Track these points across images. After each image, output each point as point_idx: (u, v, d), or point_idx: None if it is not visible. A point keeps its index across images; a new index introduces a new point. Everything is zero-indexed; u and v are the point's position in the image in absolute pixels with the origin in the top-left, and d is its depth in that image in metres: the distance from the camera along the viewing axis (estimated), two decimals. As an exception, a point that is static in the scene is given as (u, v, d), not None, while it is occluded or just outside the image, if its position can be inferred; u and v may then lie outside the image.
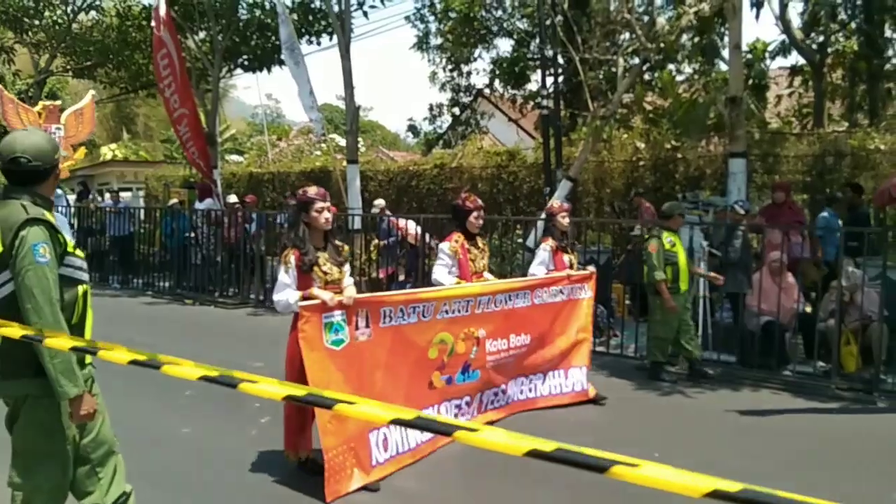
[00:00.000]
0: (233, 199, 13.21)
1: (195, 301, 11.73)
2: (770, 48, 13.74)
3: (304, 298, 4.15)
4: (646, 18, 11.41)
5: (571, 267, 6.23)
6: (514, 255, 9.80)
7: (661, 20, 10.88)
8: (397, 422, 1.66)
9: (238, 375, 1.96)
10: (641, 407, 6.23)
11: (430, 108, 20.93)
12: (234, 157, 26.30)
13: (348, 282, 4.47)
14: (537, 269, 6.15)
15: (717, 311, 8.26)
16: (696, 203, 10.03)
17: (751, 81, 12.55)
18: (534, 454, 1.50)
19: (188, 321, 10.18)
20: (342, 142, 19.70)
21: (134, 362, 2.23)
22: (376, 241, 11.02)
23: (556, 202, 7.06)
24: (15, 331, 2.51)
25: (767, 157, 11.23)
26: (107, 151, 27.65)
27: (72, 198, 17.63)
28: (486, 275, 5.69)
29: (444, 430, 1.67)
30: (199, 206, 13.50)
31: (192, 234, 12.53)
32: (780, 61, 14.18)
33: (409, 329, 4.65)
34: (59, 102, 9.49)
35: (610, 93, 11.79)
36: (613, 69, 12.08)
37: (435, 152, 19.52)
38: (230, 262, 12.06)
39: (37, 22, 17.49)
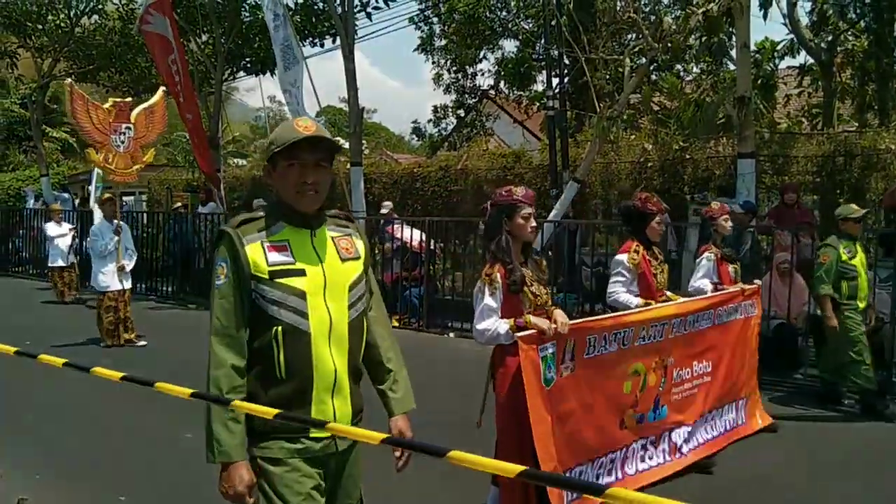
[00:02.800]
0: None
1: (199, 305, 11.64)
2: (778, 48, 13.61)
3: (517, 328, 3.37)
4: (652, 18, 11.31)
5: (737, 279, 5.45)
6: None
7: (668, 20, 10.76)
8: (526, 476, 1.36)
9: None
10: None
11: (435, 110, 20.88)
12: (238, 161, 26.22)
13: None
14: (703, 283, 5.25)
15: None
16: (704, 204, 9.90)
17: (759, 81, 12.42)
18: None
19: (191, 325, 10.08)
20: (345, 144, 19.60)
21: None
22: (387, 244, 10.87)
23: (715, 203, 5.95)
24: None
25: (776, 157, 11.10)
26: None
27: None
28: (666, 292, 4.82)
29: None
30: (201, 209, 13.43)
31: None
32: (789, 61, 14.03)
33: (608, 359, 3.94)
34: (129, 100, 8.97)
35: (617, 93, 11.67)
36: (620, 69, 11.96)
37: (440, 154, 19.43)
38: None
39: (40, 26, 17.43)
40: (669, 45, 10.49)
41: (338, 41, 13.10)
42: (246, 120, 42.56)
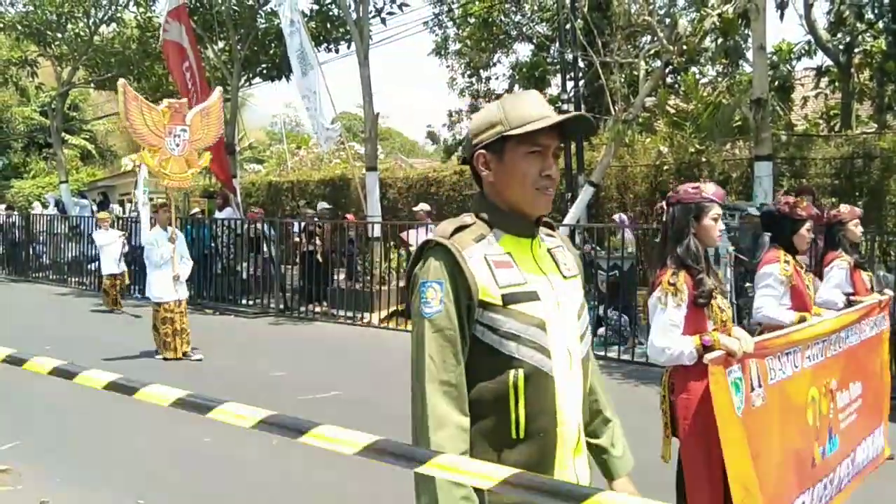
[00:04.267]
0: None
1: (216, 311, 11.73)
2: (795, 49, 13.49)
3: (704, 348, 2.87)
4: (667, 21, 11.26)
5: (872, 287, 4.98)
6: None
7: (683, 22, 10.72)
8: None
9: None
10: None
11: (449, 115, 20.91)
12: (254, 167, 26.42)
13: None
14: (833, 294, 4.80)
15: (745, 318, 8.08)
16: (726, 209, 9.85)
17: (776, 83, 12.32)
18: None
19: (210, 331, 10.16)
20: (361, 149, 19.70)
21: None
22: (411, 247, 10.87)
23: (845, 206, 5.36)
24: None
25: (794, 160, 11.01)
26: (127, 162, 27.88)
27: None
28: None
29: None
30: (218, 215, 13.54)
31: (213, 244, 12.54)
32: (806, 62, 13.91)
33: (788, 385, 3.40)
34: (184, 100, 8.52)
35: (632, 96, 11.63)
36: (635, 72, 11.93)
37: (454, 158, 19.45)
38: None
39: (59, 35, 17.69)
40: (685, 47, 10.43)
41: (353, 47, 13.16)
42: (262, 126, 42.81)
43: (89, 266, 15.01)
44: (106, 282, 11.79)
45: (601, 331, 8.76)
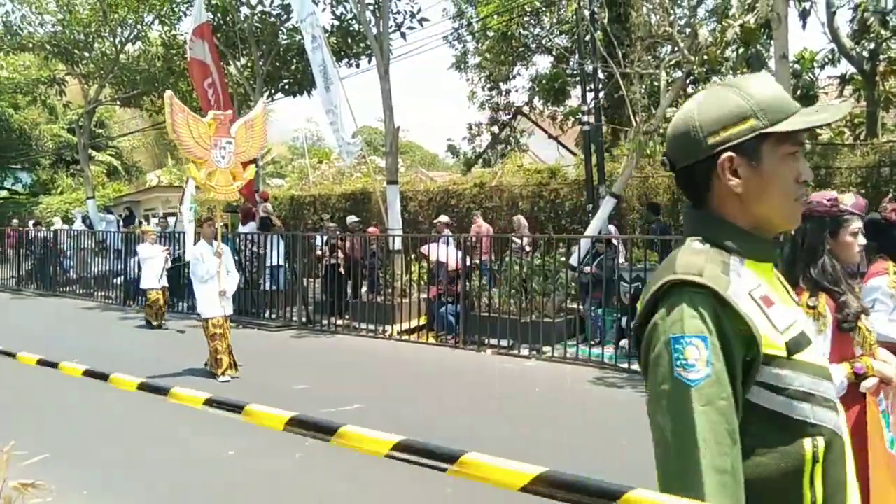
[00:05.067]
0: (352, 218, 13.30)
1: (239, 324, 11.81)
2: (818, 57, 13.36)
3: (857, 376, 2.55)
4: (688, 31, 11.23)
5: None
6: (556, 274, 9.64)
7: (704, 32, 10.67)
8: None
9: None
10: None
11: (469, 128, 20.98)
12: (276, 181, 26.68)
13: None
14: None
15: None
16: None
17: (799, 92, 12.20)
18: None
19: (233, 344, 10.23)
20: (382, 163, 19.83)
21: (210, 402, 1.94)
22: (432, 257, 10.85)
23: (892, 205, 4.47)
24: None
25: (819, 169, 10.88)
26: (152, 177, 28.34)
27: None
28: None
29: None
30: (242, 229, 13.66)
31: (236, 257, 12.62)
32: (830, 70, 13.74)
33: None
34: (229, 113, 8.40)
35: (653, 107, 11.58)
36: (656, 83, 11.89)
37: (474, 171, 19.49)
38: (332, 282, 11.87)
39: (87, 54, 18.08)
40: (706, 57, 10.38)
41: (373, 61, 13.28)
42: (284, 141, 43.26)
43: (115, 280, 15.22)
44: (149, 296, 11.74)
45: (624, 342, 8.69)
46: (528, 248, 10.77)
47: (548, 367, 8.54)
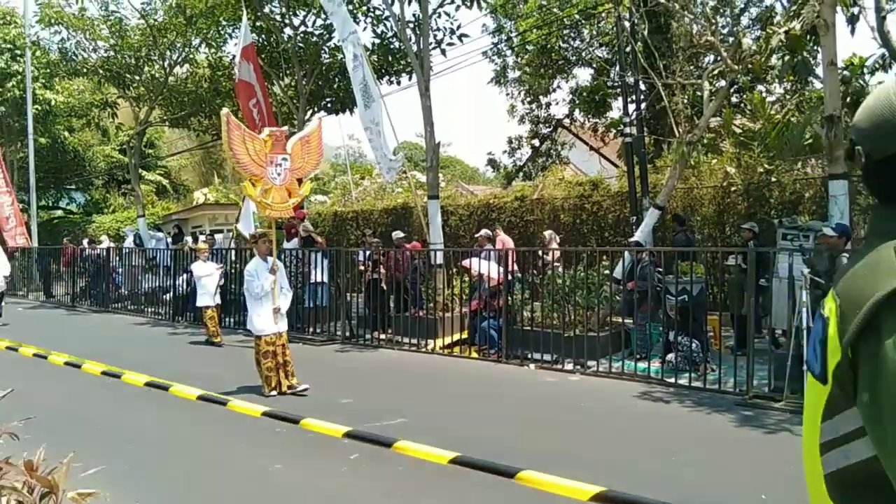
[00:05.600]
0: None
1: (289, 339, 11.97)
2: (868, 63, 13.02)
3: None
4: (730, 40, 11.09)
5: None
6: (600, 287, 9.54)
7: (748, 41, 10.52)
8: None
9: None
10: (744, 446, 5.84)
11: (510, 141, 21.00)
12: (319, 198, 27.05)
13: None
14: None
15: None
16: (794, 228, 9.52)
17: (849, 99, 11.91)
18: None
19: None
20: (422, 178, 19.97)
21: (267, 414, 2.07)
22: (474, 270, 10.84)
23: None
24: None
25: None
26: (199, 195, 29.04)
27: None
28: None
29: None
30: (286, 245, 13.87)
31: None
32: (881, 76, 13.37)
33: None
34: (285, 129, 8.31)
35: (696, 117, 11.44)
36: (698, 93, 11.75)
37: (515, 185, 19.48)
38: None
39: (137, 77, 18.69)
40: (750, 66, 10.23)
41: (414, 78, 13.42)
42: (326, 158, 43.90)
43: (165, 296, 15.59)
44: (205, 314, 11.82)
45: (670, 357, 8.54)
46: (556, 263, 10.71)
47: (593, 382, 8.44)
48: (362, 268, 12.32)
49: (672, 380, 8.12)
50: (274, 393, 7.62)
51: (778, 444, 5.88)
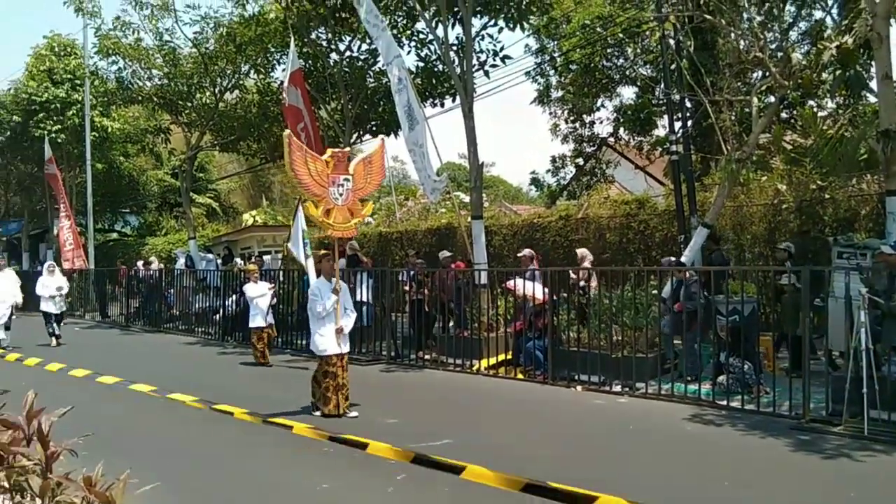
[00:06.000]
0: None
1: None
2: (925, 75, 12.63)
3: None
4: (779, 55, 10.90)
5: None
6: (648, 307, 9.39)
7: (797, 56, 10.33)
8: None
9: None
10: (801, 472, 5.64)
11: (553, 160, 20.95)
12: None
13: None
14: None
15: (884, 364, 7.46)
16: (850, 246, 9.24)
17: (905, 112, 11.56)
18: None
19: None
20: (466, 198, 20.04)
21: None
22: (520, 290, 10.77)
23: None
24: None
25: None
26: (248, 217, 29.66)
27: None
28: None
29: None
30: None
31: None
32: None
33: None
34: (347, 150, 8.56)
35: (744, 134, 11.25)
36: (746, 109, 11.56)
37: (559, 204, 19.38)
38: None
39: (189, 104, 19.29)
40: (800, 81, 10.03)
41: (457, 100, 13.52)
42: (370, 179, 44.33)
43: (215, 316, 15.90)
44: (253, 336, 11.86)
45: (722, 379, 8.33)
46: (591, 283, 10.57)
47: (641, 404, 8.28)
48: (406, 288, 12.38)
49: (724, 402, 7.92)
50: (328, 411, 7.56)
51: (837, 469, 5.67)
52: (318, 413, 7.67)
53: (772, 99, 10.88)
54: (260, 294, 12.02)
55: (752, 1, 11.88)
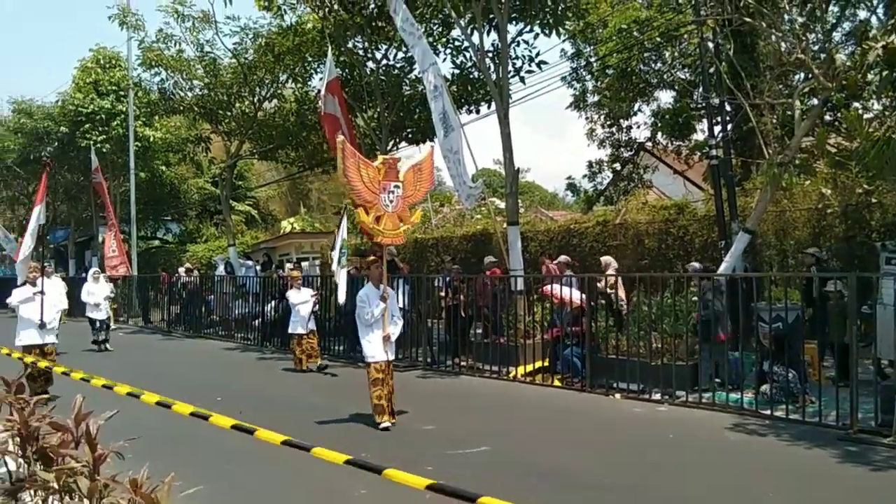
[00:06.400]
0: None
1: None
2: (977, 74, 12.22)
3: None
4: (822, 56, 10.66)
5: None
6: (689, 314, 9.24)
7: (841, 57, 10.09)
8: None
9: None
10: (850, 484, 5.48)
11: (590, 165, 20.78)
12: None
13: None
14: None
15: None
16: (899, 252, 8.97)
17: (956, 113, 11.19)
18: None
19: (362, 385, 10.51)
20: (501, 204, 20.00)
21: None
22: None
23: None
24: None
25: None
26: (286, 225, 30.04)
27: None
28: None
29: None
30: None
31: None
32: None
33: None
34: (398, 156, 8.59)
35: (786, 137, 11.01)
36: (789, 112, 11.31)
37: (596, 209, 19.21)
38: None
39: (229, 113, 19.64)
40: (844, 82, 9.77)
41: (493, 106, 13.51)
42: (406, 185, 44.52)
43: (254, 322, 16.12)
44: (292, 341, 11.94)
45: (765, 388, 8.14)
46: (620, 292, 10.46)
47: (681, 413, 8.15)
48: (442, 294, 12.40)
49: (767, 412, 7.74)
50: (386, 424, 7.40)
51: (887, 481, 5.50)
52: (382, 427, 7.42)
53: (815, 101, 10.63)
54: (302, 301, 12.06)
55: (793, 2, 11.64)
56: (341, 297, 10.33)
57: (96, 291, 15.10)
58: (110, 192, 24.43)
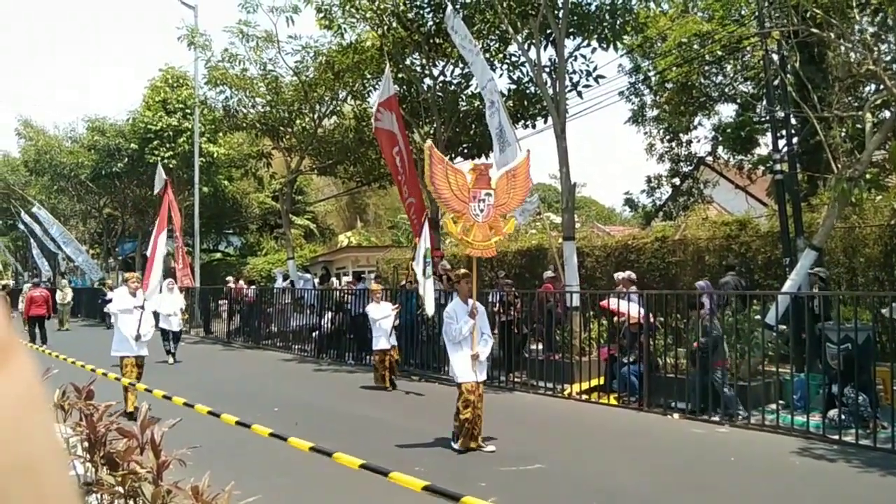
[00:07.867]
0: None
1: (421, 377, 12.17)
2: None
3: None
4: (894, 67, 10.27)
5: None
6: (751, 333, 8.95)
7: (915, 67, 9.69)
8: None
9: None
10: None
11: (648, 180, 20.48)
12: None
13: None
14: None
15: None
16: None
17: None
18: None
19: (417, 398, 10.55)
20: (557, 219, 19.86)
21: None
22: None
23: None
24: None
25: None
26: (343, 238, 30.51)
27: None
28: None
29: None
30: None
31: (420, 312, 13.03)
32: None
33: None
34: (489, 162, 8.02)
35: (856, 151, 10.62)
36: (858, 125, 10.92)
37: (655, 225, 18.86)
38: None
39: (289, 129, 20.12)
40: (918, 94, 9.38)
41: (549, 121, 13.46)
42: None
43: (312, 334, 16.36)
44: (375, 357, 11.40)
45: (833, 413, 7.81)
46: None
47: (743, 435, 7.89)
48: (496, 309, 12.34)
49: (835, 436, 7.42)
50: (471, 446, 7.03)
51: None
52: (456, 445, 7.12)
53: (887, 114, 10.23)
54: (384, 315, 11.45)
55: (864, 12, 11.27)
56: (429, 308, 9.93)
57: (169, 302, 15.16)
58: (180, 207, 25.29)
